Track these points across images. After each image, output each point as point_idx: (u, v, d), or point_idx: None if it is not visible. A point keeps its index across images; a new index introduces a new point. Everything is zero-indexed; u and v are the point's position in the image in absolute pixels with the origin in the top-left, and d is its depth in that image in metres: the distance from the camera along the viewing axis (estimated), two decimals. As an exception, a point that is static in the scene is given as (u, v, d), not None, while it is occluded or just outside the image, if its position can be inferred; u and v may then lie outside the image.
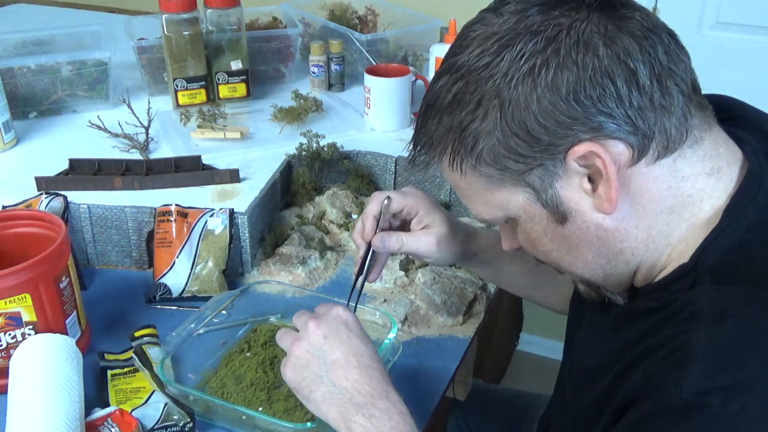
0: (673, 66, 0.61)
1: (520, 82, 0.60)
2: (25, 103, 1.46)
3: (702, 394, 0.54)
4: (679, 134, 0.61)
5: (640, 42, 0.59)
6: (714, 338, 0.57)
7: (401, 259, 1.16)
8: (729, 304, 0.58)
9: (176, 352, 0.95)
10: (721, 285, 0.60)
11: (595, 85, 0.59)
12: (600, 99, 0.59)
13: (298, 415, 0.90)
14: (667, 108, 0.60)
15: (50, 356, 0.84)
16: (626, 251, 0.66)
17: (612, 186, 0.61)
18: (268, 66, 1.66)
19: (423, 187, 1.32)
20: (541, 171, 0.63)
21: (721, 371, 0.55)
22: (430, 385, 0.95)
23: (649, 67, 0.59)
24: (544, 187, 0.64)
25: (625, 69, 0.59)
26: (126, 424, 0.83)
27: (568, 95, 0.59)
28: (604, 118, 0.59)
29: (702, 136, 0.63)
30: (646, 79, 0.59)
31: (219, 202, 1.16)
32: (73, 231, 1.15)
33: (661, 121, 0.60)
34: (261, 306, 1.07)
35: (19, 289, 0.86)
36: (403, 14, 1.73)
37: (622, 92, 0.59)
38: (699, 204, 0.63)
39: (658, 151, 0.61)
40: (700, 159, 0.63)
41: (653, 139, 0.61)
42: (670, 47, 0.61)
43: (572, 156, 0.61)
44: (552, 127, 0.60)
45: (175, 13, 1.41)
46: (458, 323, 1.07)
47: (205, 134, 1.37)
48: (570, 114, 0.59)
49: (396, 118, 1.43)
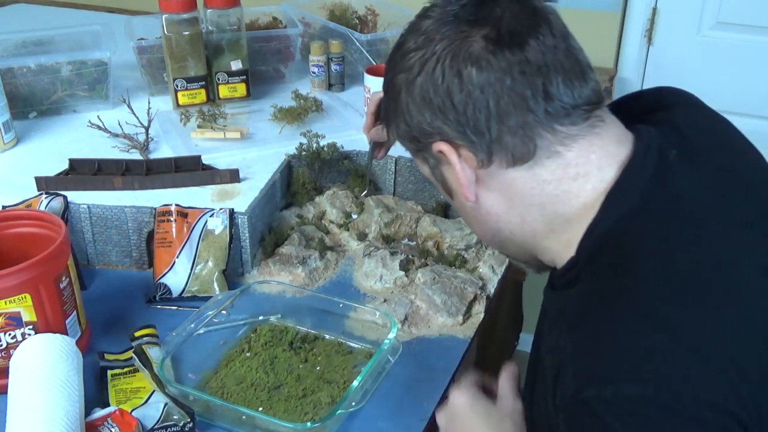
0: (529, 91, 0.66)
1: (404, 79, 0.71)
2: (25, 103, 1.46)
3: (577, 392, 0.58)
4: (525, 149, 0.68)
5: (494, 68, 0.65)
6: (574, 340, 0.62)
7: (401, 259, 1.16)
8: (587, 302, 0.64)
9: (176, 352, 0.95)
10: (589, 282, 0.65)
11: (440, 97, 0.68)
12: (441, 110, 0.68)
13: (298, 416, 0.90)
14: (508, 128, 0.67)
15: (50, 356, 0.84)
16: (504, 231, 0.75)
17: (463, 182, 0.71)
18: (268, 66, 1.66)
19: (423, 186, 1.32)
20: (427, 154, 0.75)
21: (585, 366, 0.60)
22: (430, 385, 0.95)
23: (490, 91, 0.66)
24: (434, 166, 0.76)
25: (464, 89, 0.66)
26: (126, 424, 0.83)
27: (423, 100, 0.69)
28: (446, 127, 0.69)
29: (560, 150, 0.68)
30: (485, 102, 0.66)
31: (219, 202, 1.16)
32: (73, 231, 1.15)
33: (499, 138, 0.67)
34: (261, 306, 1.07)
35: (19, 289, 0.86)
36: (403, 14, 1.73)
37: (459, 109, 0.67)
38: (569, 202, 0.69)
39: (506, 161, 0.69)
40: (561, 167, 0.68)
41: (493, 152, 0.68)
42: (542, 75, 0.66)
43: (434, 150, 0.72)
44: (418, 123, 0.72)
45: (175, 13, 1.41)
46: (458, 323, 1.07)
47: (205, 134, 1.37)
48: (424, 118, 0.70)
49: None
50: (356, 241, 1.24)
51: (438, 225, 1.23)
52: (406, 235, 1.26)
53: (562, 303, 0.68)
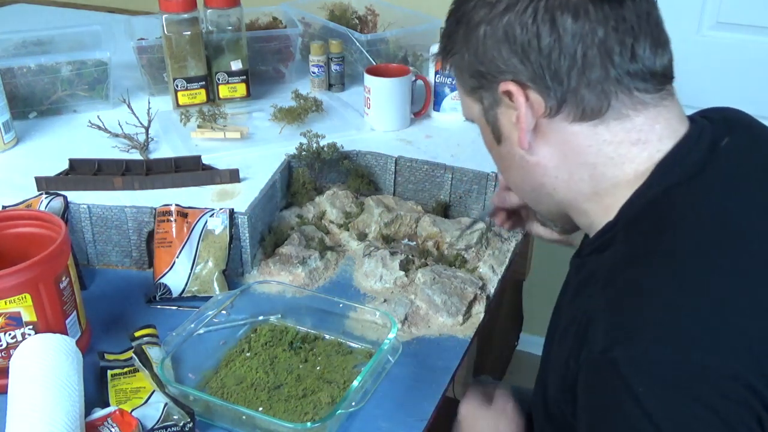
0: (618, 48, 0.66)
1: (487, 12, 0.69)
2: (25, 103, 1.46)
3: (605, 350, 0.59)
4: (598, 106, 0.67)
5: (590, 19, 0.65)
6: (608, 295, 0.63)
7: (401, 259, 1.16)
8: (624, 262, 0.65)
9: (176, 352, 0.95)
10: (626, 244, 0.66)
11: (526, 37, 0.66)
12: (523, 50, 0.67)
13: (298, 416, 0.90)
14: (587, 80, 0.66)
15: (50, 356, 0.84)
16: (547, 185, 0.74)
17: (522, 127, 0.70)
18: (268, 66, 1.66)
19: (423, 186, 1.32)
20: (486, 93, 0.73)
21: (617, 324, 0.60)
22: (430, 385, 0.95)
23: (580, 41, 0.65)
24: (489, 106, 0.74)
25: (555, 33, 0.65)
26: (126, 424, 0.83)
27: (506, 36, 0.68)
28: (523, 68, 0.68)
29: (629, 114, 0.68)
30: (572, 50, 0.65)
31: (219, 202, 1.16)
32: (73, 231, 1.15)
33: (576, 89, 0.67)
34: (261, 306, 1.07)
35: (19, 289, 0.86)
36: (403, 14, 1.73)
37: (544, 52, 0.66)
38: (621, 166, 0.69)
39: (574, 114, 0.68)
40: (625, 130, 0.69)
41: (566, 102, 0.68)
42: (633, 35, 0.66)
43: (501, 89, 0.70)
44: (490, 60, 0.70)
45: (175, 13, 1.41)
46: (458, 323, 1.07)
47: (205, 134, 1.37)
48: (501, 54, 0.68)
49: (396, 118, 1.43)
50: (356, 241, 1.24)
51: (438, 225, 1.23)
52: (406, 235, 1.26)
53: (594, 266, 0.68)
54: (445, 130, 1.44)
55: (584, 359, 0.62)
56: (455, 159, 1.31)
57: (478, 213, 1.25)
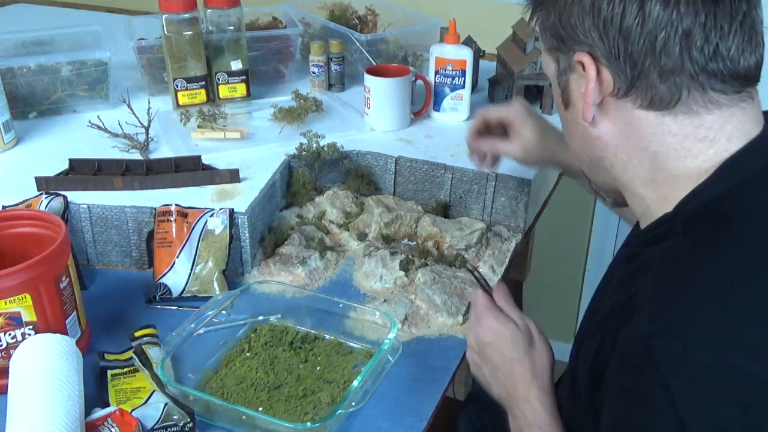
0: (701, 43, 0.64)
1: None
2: (25, 103, 1.46)
3: (646, 337, 0.58)
4: (667, 97, 0.66)
5: (680, 9, 0.63)
6: (660, 284, 0.62)
7: (401, 259, 1.16)
8: (681, 253, 0.64)
9: (176, 352, 0.95)
10: (686, 237, 0.65)
11: (610, 13, 0.65)
12: (605, 25, 0.66)
13: (298, 416, 0.90)
14: (661, 69, 0.65)
15: (50, 356, 0.84)
16: (606, 161, 0.74)
17: (587, 100, 0.70)
18: (268, 66, 1.66)
19: (423, 186, 1.32)
20: (562, 56, 0.72)
21: (664, 314, 0.59)
22: (430, 385, 0.95)
23: (663, 28, 0.64)
24: (563, 70, 0.73)
25: (640, 16, 0.64)
26: (126, 424, 0.83)
27: (591, 7, 0.66)
28: (601, 43, 0.67)
29: (699, 111, 0.67)
30: (653, 36, 0.64)
31: (219, 202, 1.16)
32: (73, 231, 1.15)
33: (648, 76, 0.66)
34: (261, 306, 1.07)
35: (19, 289, 0.86)
36: (403, 14, 1.73)
37: (625, 32, 0.65)
38: (684, 160, 0.68)
39: (641, 100, 0.67)
40: (693, 126, 0.67)
41: (635, 86, 0.67)
42: (720, 34, 0.64)
43: (576, 58, 0.69)
44: (573, 26, 0.68)
45: (175, 13, 1.41)
46: (458, 323, 1.07)
47: (205, 134, 1.37)
48: (583, 24, 0.67)
49: (396, 118, 1.43)
50: (356, 241, 1.24)
51: (438, 225, 1.23)
52: (406, 235, 1.26)
53: (648, 256, 0.67)
54: (445, 130, 1.44)
55: (622, 341, 0.61)
56: (455, 159, 1.31)
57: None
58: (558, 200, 1.54)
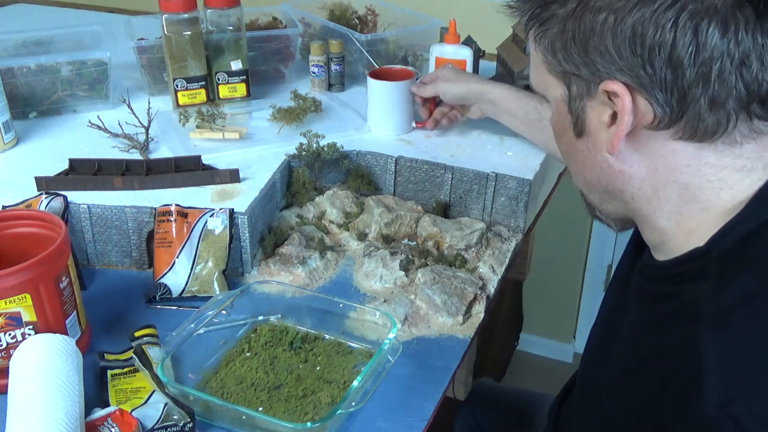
0: (757, 71, 0.59)
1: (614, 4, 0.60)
2: (25, 103, 1.46)
3: (726, 404, 0.54)
4: (713, 129, 0.61)
5: (738, 35, 0.57)
6: (721, 343, 0.57)
7: (401, 259, 1.16)
8: (731, 302, 0.59)
9: (176, 352, 0.95)
10: (725, 277, 0.61)
11: (656, 44, 0.59)
12: (650, 57, 0.59)
13: (298, 416, 0.90)
14: (711, 101, 0.60)
15: (50, 356, 0.84)
16: (626, 194, 0.69)
17: (619, 133, 0.63)
18: (268, 66, 1.66)
19: (423, 186, 1.32)
20: (580, 81, 0.65)
21: (738, 376, 0.55)
22: (430, 385, 0.95)
23: (720, 58, 0.58)
24: (577, 96, 0.66)
25: (694, 45, 0.58)
26: (126, 424, 0.84)
27: (633, 34, 0.60)
28: (643, 73, 0.60)
29: (740, 141, 0.62)
30: (708, 68, 0.58)
31: (219, 202, 1.16)
32: (73, 231, 1.15)
33: (696, 107, 0.60)
34: (261, 306, 1.07)
35: (19, 289, 0.86)
36: (403, 14, 1.73)
37: (674, 62, 0.59)
38: (718, 192, 0.64)
39: (683, 132, 0.62)
40: (733, 156, 0.63)
41: (680, 120, 0.61)
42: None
43: (604, 87, 0.63)
44: (603, 52, 0.61)
45: (175, 13, 1.41)
46: (458, 323, 1.07)
47: (204, 135, 1.37)
48: (620, 53, 0.61)
49: (396, 123, 1.41)
50: (356, 241, 1.24)
51: (438, 225, 1.23)
52: (406, 235, 1.26)
53: (690, 298, 0.62)
54: (445, 130, 1.44)
55: (694, 411, 0.56)
56: (455, 159, 1.31)
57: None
58: (558, 200, 1.54)
